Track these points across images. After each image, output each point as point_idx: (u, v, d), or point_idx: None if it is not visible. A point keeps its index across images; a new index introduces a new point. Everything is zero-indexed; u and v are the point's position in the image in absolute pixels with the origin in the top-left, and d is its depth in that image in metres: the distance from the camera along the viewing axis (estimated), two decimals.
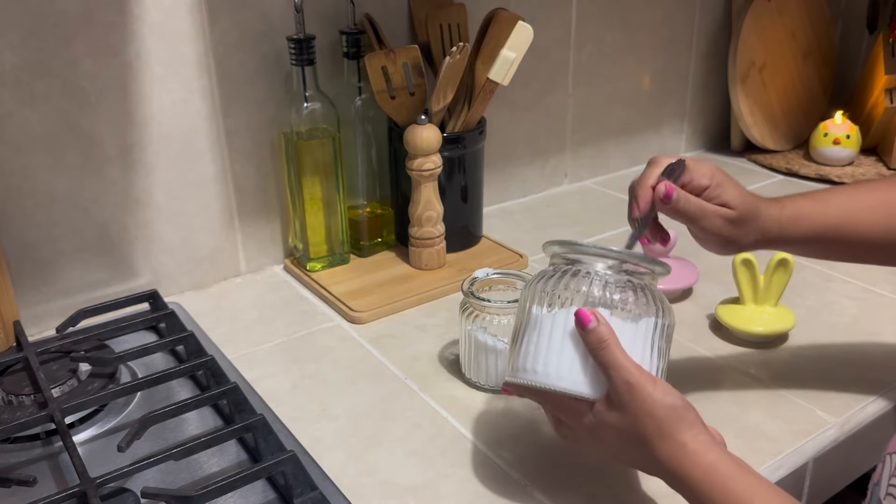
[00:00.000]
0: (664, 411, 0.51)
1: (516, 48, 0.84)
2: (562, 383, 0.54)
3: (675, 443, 0.51)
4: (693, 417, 0.52)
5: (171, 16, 0.81)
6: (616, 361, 0.52)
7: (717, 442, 0.52)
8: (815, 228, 0.65)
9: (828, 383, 0.73)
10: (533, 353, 0.55)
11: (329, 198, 0.91)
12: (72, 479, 0.62)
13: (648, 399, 0.51)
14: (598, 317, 0.53)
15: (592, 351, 0.53)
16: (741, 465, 0.50)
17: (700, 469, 0.50)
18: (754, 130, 1.30)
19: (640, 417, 0.51)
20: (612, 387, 0.52)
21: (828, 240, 0.65)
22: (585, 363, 0.54)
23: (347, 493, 0.61)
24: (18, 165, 0.77)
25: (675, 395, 0.52)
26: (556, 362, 0.54)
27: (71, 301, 0.84)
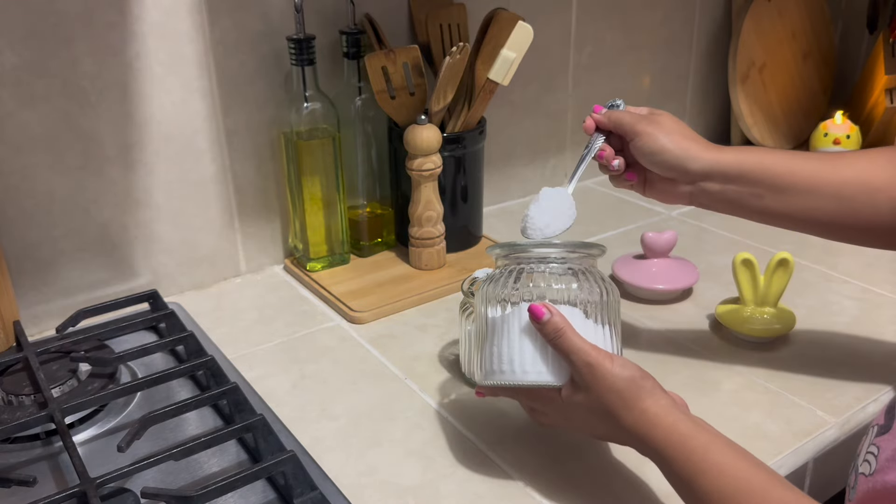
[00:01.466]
0: (624, 383, 0.55)
1: (516, 48, 0.84)
2: (527, 377, 0.58)
3: (637, 410, 0.55)
4: (651, 385, 0.56)
5: (171, 16, 0.81)
6: (573, 346, 0.56)
7: (678, 405, 0.56)
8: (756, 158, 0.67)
9: (828, 383, 0.73)
10: (497, 354, 0.59)
11: (329, 198, 0.91)
12: (72, 479, 0.62)
13: (608, 375, 0.55)
14: (549, 308, 0.56)
15: (550, 341, 0.57)
16: (699, 424, 0.54)
17: (661, 430, 0.53)
18: (754, 130, 1.30)
19: (603, 393, 0.55)
20: (574, 370, 0.56)
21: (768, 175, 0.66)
22: (545, 353, 0.57)
23: (347, 493, 0.61)
24: (18, 165, 0.77)
25: (632, 367, 0.56)
26: (519, 359, 0.58)
27: (71, 301, 0.84)
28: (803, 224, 0.68)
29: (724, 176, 0.67)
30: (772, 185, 0.66)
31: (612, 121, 0.70)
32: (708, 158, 0.67)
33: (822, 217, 0.66)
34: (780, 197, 0.66)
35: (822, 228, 0.68)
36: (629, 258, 0.91)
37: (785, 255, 0.78)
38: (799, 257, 0.92)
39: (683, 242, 0.92)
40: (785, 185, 0.66)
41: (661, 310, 0.87)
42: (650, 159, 0.68)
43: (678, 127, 0.69)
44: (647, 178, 0.71)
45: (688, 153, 0.67)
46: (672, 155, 0.67)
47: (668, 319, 0.85)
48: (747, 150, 0.68)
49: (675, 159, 0.67)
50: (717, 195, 0.68)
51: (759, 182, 0.66)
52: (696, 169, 0.67)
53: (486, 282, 0.61)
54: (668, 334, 0.82)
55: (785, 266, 0.78)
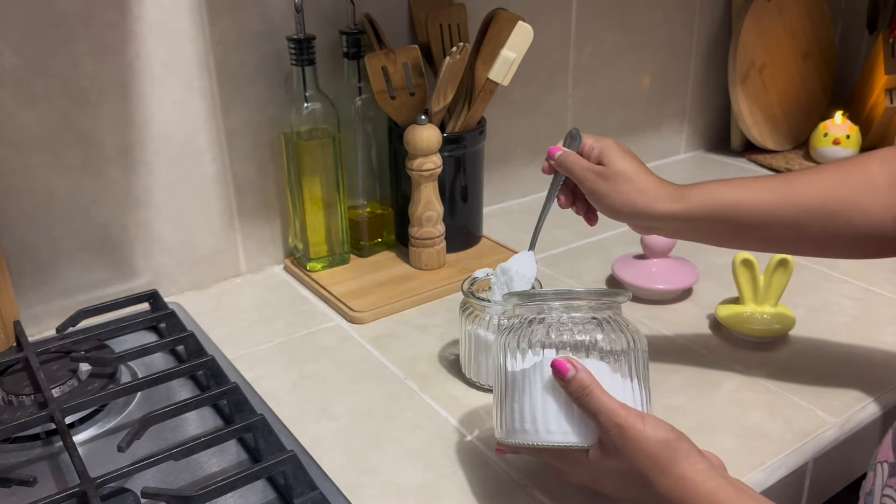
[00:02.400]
0: (658, 447, 0.51)
1: (516, 48, 0.84)
2: (552, 437, 0.54)
3: (673, 476, 0.51)
4: (687, 447, 0.52)
5: (171, 16, 0.81)
6: (602, 406, 0.52)
7: (716, 467, 0.52)
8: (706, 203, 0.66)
9: (828, 383, 0.73)
10: (518, 411, 0.55)
11: (329, 198, 0.91)
12: (72, 479, 0.62)
13: (641, 437, 0.51)
14: (574, 364, 0.53)
15: (576, 400, 0.53)
16: (741, 490, 0.50)
17: (700, 499, 0.50)
18: (754, 130, 1.30)
19: (635, 457, 0.51)
20: (603, 432, 0.52)
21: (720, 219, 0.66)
22: (570, 412, 0.54)
23: (347, 493, 0.61)
24: (18, 165, 0.77)
25: (665, 428, 0.52)
26: (542, 417, 0.54)
27: (71, 301, 0.84)
28: (764, 248, 0.69)
29: (678, 224, 0.67)
30: (727, 227, 0.66)
31: (562, 168, 0.70)
32: (659, 212, 0.66)
33: (782, 242, 0.67)
34: (736, 234, 0.67)
35: (784, 250, 0.70)
36: (629, 258, 0.91)
37: (785, 255, 0.78)
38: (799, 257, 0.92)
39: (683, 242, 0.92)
40: (740, 223, 0.66)
41: (661, 310, 0.87)
42: (603, 212, 0.69)
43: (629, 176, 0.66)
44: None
45: (638, 211, 0.66)
46: (623, 213, 0.67)
47: (668, 319, 0.85)
48: (700, 190, 0.66)
49: (626, 216, 0.67)
50: (676, 236, 0.70)
51: (714, 225, 0.66)
52: (647, 221, 0.67)
53: (504, 331, 0.58)
54: (668, 334, 0.82)
55: (785, 266, 0.78)
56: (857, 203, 0.63)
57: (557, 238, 1.05)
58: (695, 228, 0.67)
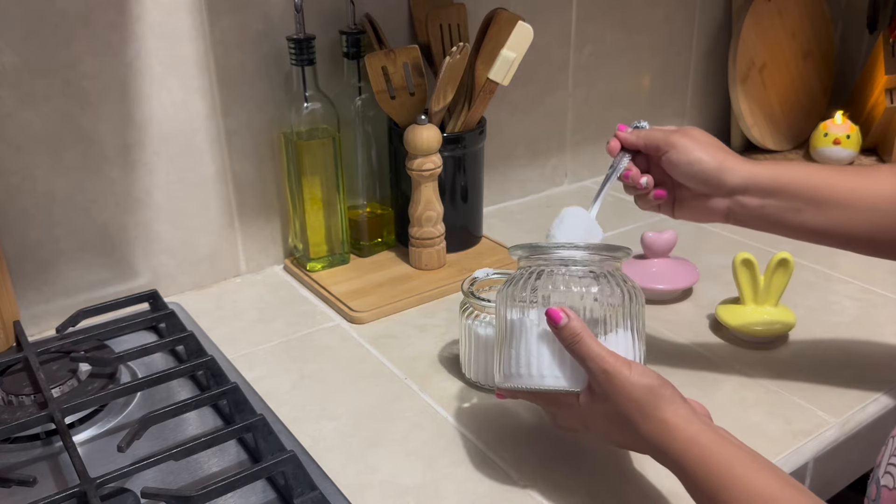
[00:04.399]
0: (642, 392, 0.53)
1: (516, 48, 0.84)
2: (545, 381, 0.57)
3: (656, 420, 0.53)
4: (671, 393, 0.54)
5: (171, 16, 0.81)
6: (591, 352, 0.54)
7: (699, 414, 0.54)
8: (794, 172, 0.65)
9: (828, 383, 0.73)
10: (514, 356, 0.58)
11: (329, 198, 0.91)
12: (72, 479, 0.62)
13: (626, 382, 0.53)
14: (567, 313, 0.55)
15: (567, 346, 0.55)
16: (721, 436, 0.52)
17: (681, 443, 0.52)
18: (754, 130, 1.30)
19: (621, 401, 0.54)
20: (592, 377, 0.55)
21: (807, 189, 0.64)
22: (563, 358, 0.57)
23: (347, 493, 0.61)
24: (18, 165, 0.77)
25: (651, 374, 0.54)
26: (537, 362, 0.57)
27: (71, 301, 0.84)
28: (842, 239, 0.67)
29: (761, 189, 0.65)
30: (810, 199, 0.65)
31: (641, 137, 0.68)
32: (745, 171, 0.65)
33: (860, 232, 0.65)
34: (818, 211, 0.65)
35: (860, 244, 0.66)
36: (629, 258, 0.91)
37: (785, 255, 0.78)
38: (799, 257, 0.92)
39: (683, 242, 0.92)
40: (823, 198, 0.64)
41: (661, 310, 0.87)
42: (685, 170, 0.66)
43: (711, 140, 0.67)
44: (678, 196, 0.69)
45: (724, 164, 0.65)
46: (708, 166, 0.65)
47: (668, 319, 0.85)
48: (783, 164, 0.67)
49: (712, 171, 0.65)
50: (755, 210, 0.66)
51: (797, 196, 0.65)
52: (733, 182, 0.65)
53: (506, 283, 0.60)
54: (668, 334, 0.82)
55: (785, 266, 0.78)
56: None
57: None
58: (776, 198, 0.65)
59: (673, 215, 0.71)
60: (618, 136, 0.70)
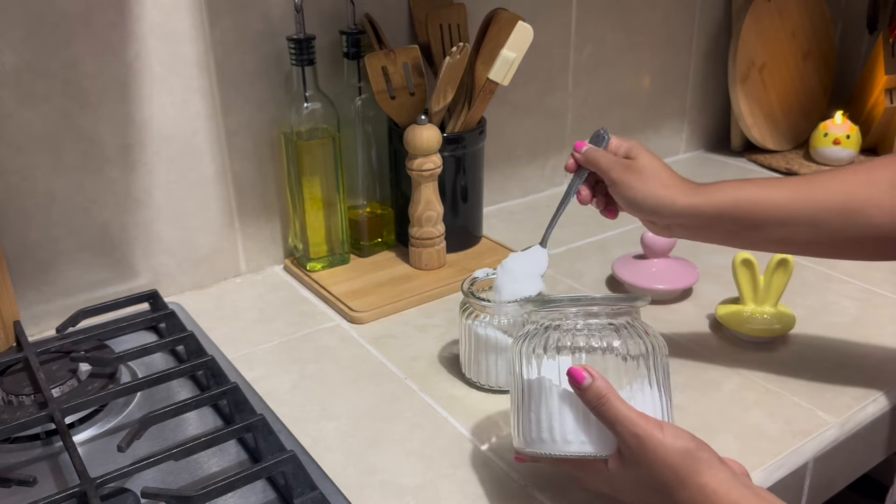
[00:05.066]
0: (678, 457, 0.50)
1: (516, 48, 0.84)
2: (570, 448, 0.53)
3: (694, 486, 0.49)
4: (709, 456, 0.51)
5: (171, 16, 0.81)
6: (619, 415, 0.51)
7: (738, 475, 0.51)
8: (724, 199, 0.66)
9: (828, 383, 0.73)
10: (535, 420, 0.54)
11: (329, 198, 0.91)
12: (72, 479, 0.62)
13: (660, 447, 0.50)
14: (591, 372, 0.52)
15: (593, 409, 0.52)
16: (764, 499, 0.49)
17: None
18: (754, 130, 1.30)
19: (655, 467, 0.50)
20: (621, 442, 0.52)
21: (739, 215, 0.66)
22: (588, 421, 0.53)
23: (347, 493, 0.61)
24: (18, 165, 0.77)
25: (686, 436, 0.51)
26: (560, 427, 0.53)
27: (71, 301, 0.84)
28: (782, 249, 0.70)
29: (698, 219, 0.67)
30: (747, 223, 0.66)
31: (589, 161, 0.71)
32: (680, 205, 0.67)
33: (800, 242, 0.67)
34: (755, 232, 0.67)
35: (802, 250, 0.68)
36: (629, 258, 0.91)
37: (785, 256, 0.78)
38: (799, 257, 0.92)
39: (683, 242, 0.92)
40: (759, 220, 0.66)
41: (661, 310, 0.87)
42: (625, 205, 0.70)
43: (653, 171, 0.68)
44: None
45: (662, 202, 0.67)
46: (646, 205, 0.68)
47: (668, 319, 0.85)
48: (720, 188, 0.67)
49: (649, 208, 0.68)
50: (694, 233, 0.69)
51: (734, 221, 0.66)
52: (669, 215, 0.68)
53: (519, 338, 0.57)
54: (668, 334, 0.82)
55: (785, 266, 0.78)
56: (879, 201, 0.62)
57: (557, 238, 1.05)
58: (714, 225, 0.67)
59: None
60: (573, 155, 0.72)
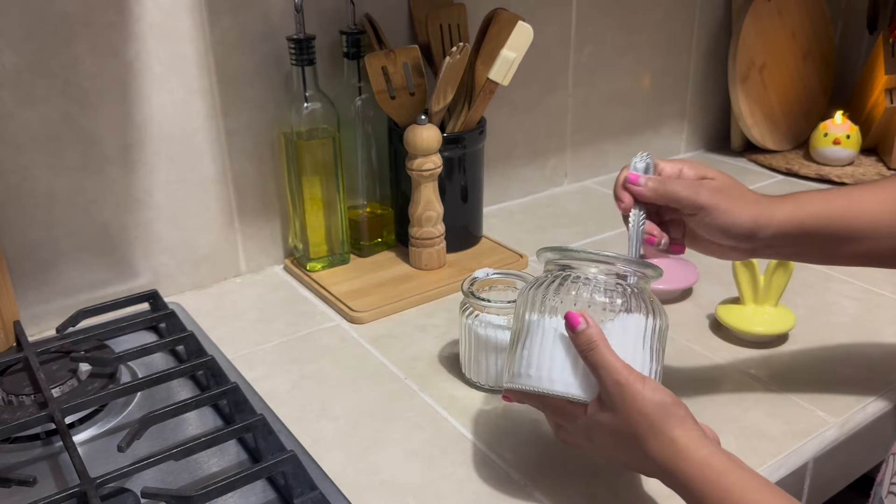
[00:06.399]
0: (654, 408, 0.51)
1: (516, 48, 0.84)
2: (554, 386, 0.55)
3: (666, 439, 0.51)
4: (683, 413, 0.52)
5: (171, 16, 0.81)
6: (605, 362, 0.52)
7: (710, 438, 0.53)
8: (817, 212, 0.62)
9: (828, 383, 0.73)
10: (527, 357, 0.56)
11: (329, 198, 0.91)
12: (72, 479, 0.62)
13: (638, 397, 0.51)
14: (587, 319, 0.53)
15: (582, 352, 0.54)
16: (734, 460, 0.51)
17: (692, 464, 0.50)
18: (754, 130, 1.30)
19: (630, 416, 0.52)
20: (603, 387, 0.53)
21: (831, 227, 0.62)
22: (576, 365, 0.55)
23: (347, 493, 0.61)
24: (18, 165, 0.77)
25: (664, 392, 0.52)
26: (549, 366, 0.55)
27: (71, 301, 0.84)
28: (866, 263, 0.66)
29: (786, 238, 0.62)
30: (833, 238, 0.63)
31: (660, 195, 0.60)
32: (776, 225, 0.61)
33: (886, 255, 0.64)
34: (841, 247, 0.63)
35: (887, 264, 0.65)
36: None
37: None
38: None
39: None
40: (846, 235, 0.63)
41: None
42: (719, 233, 0.61)
43: (740, 191, 0.62)
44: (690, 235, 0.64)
45: (758, 223, 0.61)
46: (744, 229, 0.61)
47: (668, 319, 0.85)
48: (806, 201, 0.63)
49: (747, 232, 0.61)
50: (778, 253, 0.65)
51: (822, 237, 0.63)
52: (764, 237, 0.62)
53: (530, 285, 0.59)
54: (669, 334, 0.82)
55: (785, 266, 0.78)
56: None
57: (557, 238, 1.05)
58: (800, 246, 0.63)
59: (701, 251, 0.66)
60: (629, 188, 0.61)
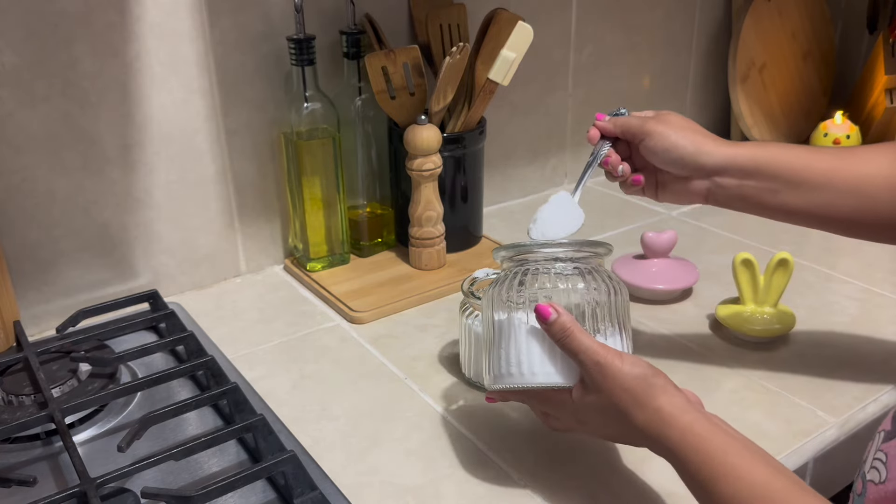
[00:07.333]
0: (635, 381, 0.54)
1: (516, 48, 0.84)
2: (536, 378, 0.57)
3: (650, 408, 0.53)
4: (664, 382, 0.54)
5: (171, 16, 0.81)
6: (581, 346, 0.55)
7: (693, 403, 0.54)
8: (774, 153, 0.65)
9: (828, 383, 0.73)
10: (504, 357, 0.58)
11: (329, 198, 0.91)
12: (72, 479, 0.62)
13: (618, 373, 0.54)
14: (556, 308, 0.56)
15: (558, 341, 0.56)
16: (716, 424, 0.52)
17: (676, 430, 0.52)
18: (754, 130, 1.30)
19: (614, 392, 0.54)
20: (584, 370, 0.55)
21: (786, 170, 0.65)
22: (553, 354, 0.57)
23: (347, 493, 0.61)
24: (18, 165, 0.77)
25: (643, 364, 0.55)
26: (527, 360, 0.57)
27: (71, 301, 0.84)
28: (821, 221, 0.67)
29: (740, 170, 0.66)
30: (788, 180, 0.65)
31: (618, 126, 0.69)
32: (723, 153, 0.66)
33: (840, 213, 0.65)
34: (796, 192, 0.65)
35: (840, 225, 0.66)
36: (629, 258, 0.91)
37: (785, 255, 0.78)
38: (799, 257, 0.92)
39: (683, 242, 0.92)
40: (801, 179, 0.65)
41: (661, 310, 0.87)
42: (663, 157, 0.67)
43: (688, 123, 0.68)
44: (659, 179, 0.70)
45: (701, 148, 0.66)
46: (685, 151, 0.66)
47: (668, 319, 0.85)
48: (762, 145, 0.67)
49: (689, 155, 0.66)
50: (733, 191, 0.67)
51: (776, 177, 0.65)
52: (710, 164, 0.66)
53: (491, 285, 0.61)
54: (668, 334, 0.82)
55: (785, 266, 0.78)
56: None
57: None
58: (752, 184, 0.66)
59: (656, 198, 0.71)
60: (596, 124, 0.70)
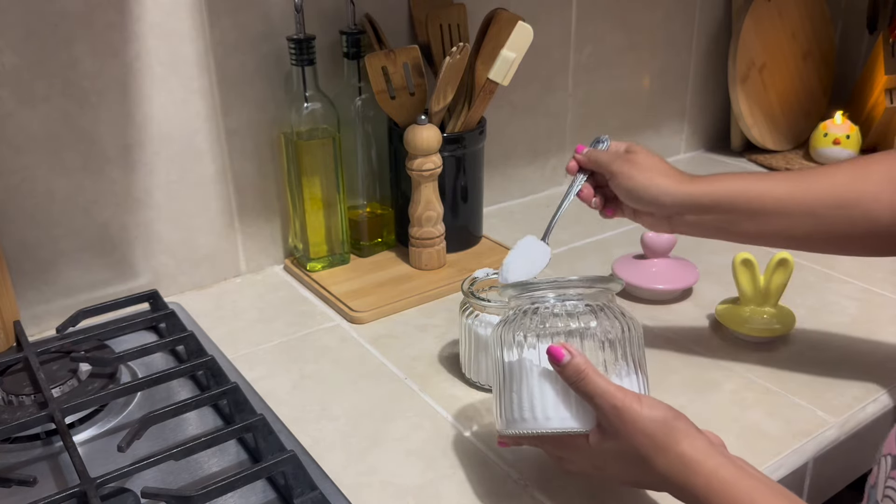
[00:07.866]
0: (655, 426, 0.51)
1: (516, 48, 0.84)
2: (550, 423, 0.54)
3: (673, 454, 0.51)
4: (685, 425, 0.52)
5: (171, 16, 0.81)
6: (598, 389, 0.52)
7: (716, 446, 0.52)
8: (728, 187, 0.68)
9: (828, 383, 0.73)
10: (517, 401, 0.56)
11: (329, 198, 0.91)
12: (72, 479, 0.62)
13: (638, 418, 0.51)
14: (569, 349, 0.53)
15: (572, 384, 0.53)
16: (742, 468, 0.50)
17: (702, 477, 0.50)
18: (754, 130, 1.30)
19: (634, 437, 0.52)
20: (601, 414, 0.53)
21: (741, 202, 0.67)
22: (568, 397, 0.54)
23: (347, 493, 0.61)
24: (18, 165, 0.77)
25: (662, 407, 0.52)
26: (541, 405, 0.55)
27: (71, 301, 0.84)
28: (781, 242, 0.71)
29: (698, 207, 0.69)
30: (745, 211, 0.68)
31: (591, 160, 0.73)
32: (683, 192, 0.69)
33: (798, 235, 0.68)
34: (753, 221, 0.68)
35: (799, 244, 0.69)
36: (629, 258, 0.91)
37: (784, 255, 0.78)
38: (799, 257, 0.92)
39: (683, 242, 0.92)
40: (756, 209, 0.67)
41: (661, 310, 0.87)
42: (626, 196, 0.71)
43: (652, 163, 0.71)
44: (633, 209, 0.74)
45: (660, 189, 0.69)
46: (647, 192, 0.69)
47: (668, 319, 0.85)
48: (720, 179, 0.69)
49: (651, 196, 0.69)
50: (694, 224, 0.70)
51: (732, 209, 0.68)
52: (670, 203, 0.69)
53: (499, 324, 0.58)
54: (668, 334, 0.82)
55: (784, 266, 0.78)
56: (877, 194, 0.64)
57: (557, 238, 1.04)
58: (712, 214, 0.69)
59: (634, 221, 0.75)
60: (575, 157, 0.75)
